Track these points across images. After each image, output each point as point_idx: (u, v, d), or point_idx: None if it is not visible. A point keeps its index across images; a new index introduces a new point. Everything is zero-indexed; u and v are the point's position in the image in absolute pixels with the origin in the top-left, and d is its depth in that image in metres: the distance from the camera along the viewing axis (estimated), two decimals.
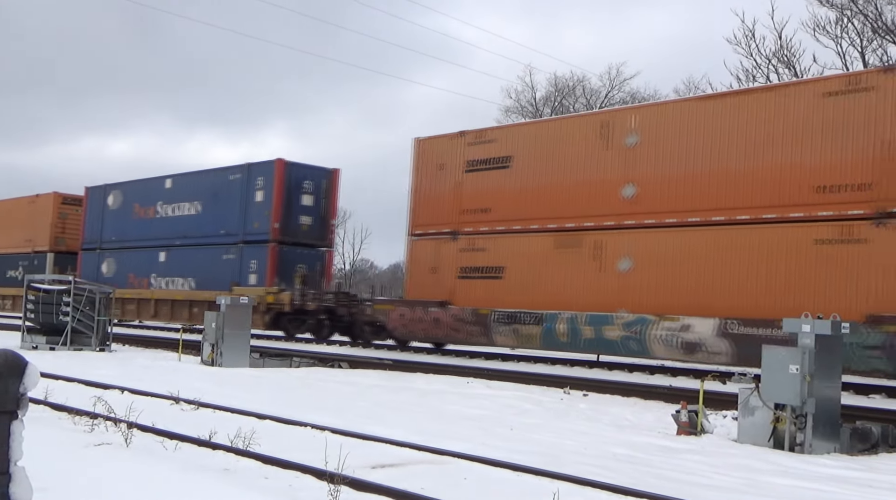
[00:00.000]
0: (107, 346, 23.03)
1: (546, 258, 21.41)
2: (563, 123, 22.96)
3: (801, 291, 16.98)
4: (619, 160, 20.26)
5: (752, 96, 19.00)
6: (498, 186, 22.74)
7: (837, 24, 31.21)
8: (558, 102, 46.28)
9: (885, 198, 16.16)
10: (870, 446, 10.43)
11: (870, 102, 16.63)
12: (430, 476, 7.26)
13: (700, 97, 20.98)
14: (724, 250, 18.29)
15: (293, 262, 28.92)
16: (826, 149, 17.08)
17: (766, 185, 17.86)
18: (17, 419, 3.39)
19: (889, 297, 15.86)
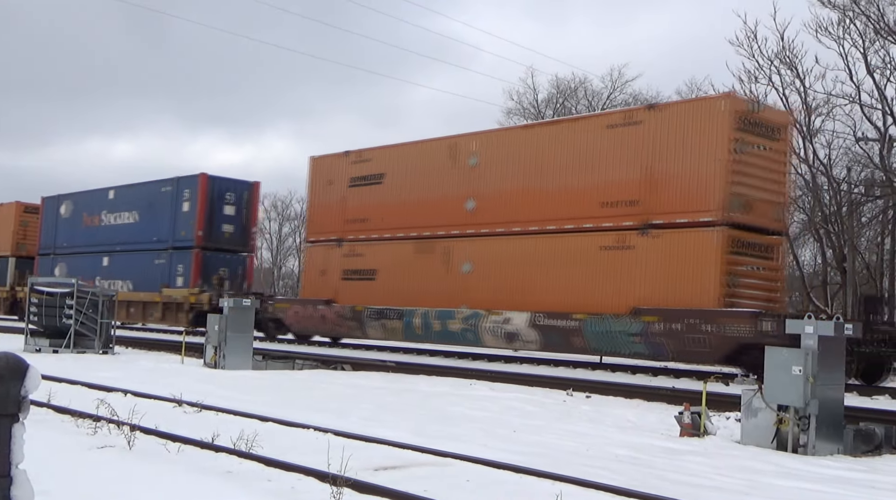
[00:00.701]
0: (110, 348, 23.04)
1: (408, 262, 24.93)
2: (422, 145, 25.92)
3: (590, 289, 20.46)
4: (463, 178, 23.87)
5: (558, 126, 23.18)
6: (373, 200, 26.38)
7: (840, 25, 31.15)
8: (560, 104, 46.27)
9: (648, 212, 19.80)
10: (873, 447, 10.41)
11: (638, 134, 20.21)
12: (432, 478, 7.25)
13: (522, 126, 24.56)
14: (536, 255, 21.82)
15: (216, 266, 31.94)
16: (608, 171, 20.71)
17: (567, 201, 21.38)
18: (19, 421, 3.39)
19: (648, 293, 19.43)
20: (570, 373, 19.65)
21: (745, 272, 19.25)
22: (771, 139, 19.91)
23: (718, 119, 19.09)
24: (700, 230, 19.01)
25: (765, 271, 19.85)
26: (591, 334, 20.30)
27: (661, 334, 18.94)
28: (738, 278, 19.00)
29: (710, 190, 18.96)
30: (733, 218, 18.88)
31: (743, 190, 19.16)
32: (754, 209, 19.36)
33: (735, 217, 18.93)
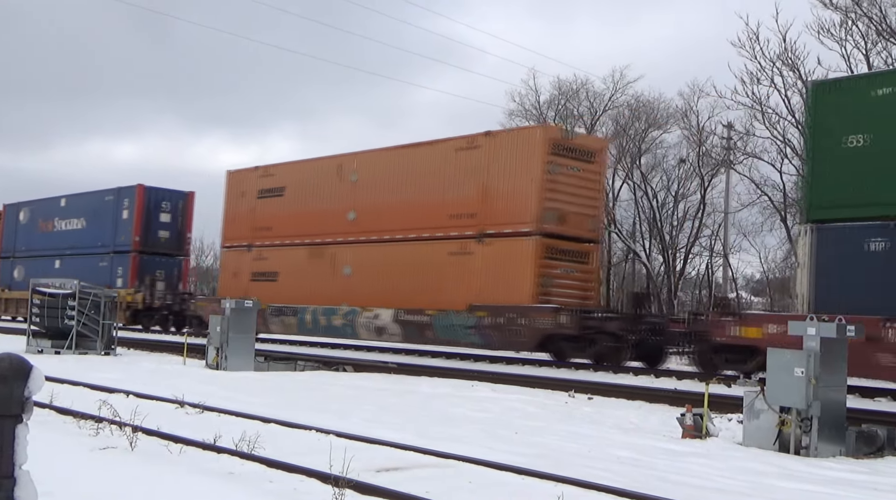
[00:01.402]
0: (112, 350, 23.06)
1: (302, 266, 28.31)
2: (315, 163, 29.44)
3: (439, 288, 23.72)
4: (346, 192, 27.35)
5: (418, 149, 26.06)
6: (276, 210, 29.86)
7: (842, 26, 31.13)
8: (562, 106, 46.22)
9: (483, 223, 23.34)
10: (875, 449, 10.40)
11: (478, 157, 23.63)
12: (434, 480, 7.25)
13: (392, 147, 27.15)
14: (400, 259, 25.15)
15: (153, 268, 35.62)
16: (455, 188, 24.08)
17: (424, 213, 24.69)
18: (22, 422, 3.39)
19: (481, 292, 22.87)
20: (572, 374, 19.64)
21: (559, 274, 22.64)
22: (585, 162, 23.39)
23: (535, 145, 22.58)
24: (519, 239, 22.45)
25: (578, 273, 23.27)
26: (439, 327, 23.80)
27: (490, 326, 22.51)
28: (552, 280, 22.47)
29: (527, 205, 22.39)
30: (547, 229, 22.34)
31: (556, 205, 22.50)
32: (568, 221, 22.83)
33: (548, 228, 22.37)
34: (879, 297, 15.91)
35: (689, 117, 41.24)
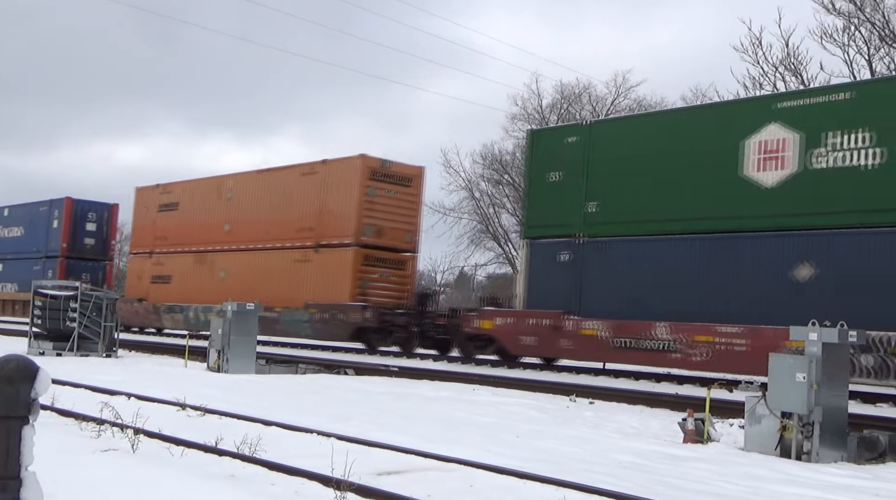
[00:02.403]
0: (113, 352, 23.08)
1: (189, 270, 33.26)
2: (201, 182, 34.55)
3: (286, 289, 28.44)
4: (223, 208, 32.39)
5: (275, 172, 31.28)
6: (171, 222, 35.02)
7: (844, 32, 31.20)
8: (564, 110, 46.29)
9: (319, 236, 28.32)
10: (877, 454, 10.40)
11: (316, 180, 28.80)
12: (435, 483, 7.26)
13: (257, 171, 32.37)
14: (262, 265, 30.03)
15: (79, 271, 39.16)
16: (300, 206, 29.15)
17: (279, 226, 29.73)
18: (29, 424, 3.41)
19: (316, 293, 27.59)
20: (573, 379, 19.65)
21: (376, 278, 27.32)
22: (402, 186, 28.24)
23: (355, 172, 27.49)
24: (342, 249, 27.42)
25: (394, 277, 27.95)
26: (285, 321, 28.43)
27: (319, 321, 27.05)
28: (369, 282, 27.18)
29: (349, 221, 27.41)
30: (365, 241, 27.23)
31: (374, 221, 27.36)
32: (385, 235, 27.66)
33: (366, 240, 27.26)
34: (563, 296, 21.14)
35: None
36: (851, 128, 17.12)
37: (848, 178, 17.09)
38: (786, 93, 20.45)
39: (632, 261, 20.22)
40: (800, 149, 17.84)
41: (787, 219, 17.78)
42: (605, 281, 20.60)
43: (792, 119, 18.03)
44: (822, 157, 17.52)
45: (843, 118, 17.30)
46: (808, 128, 17.73)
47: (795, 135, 17.91)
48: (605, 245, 20.86)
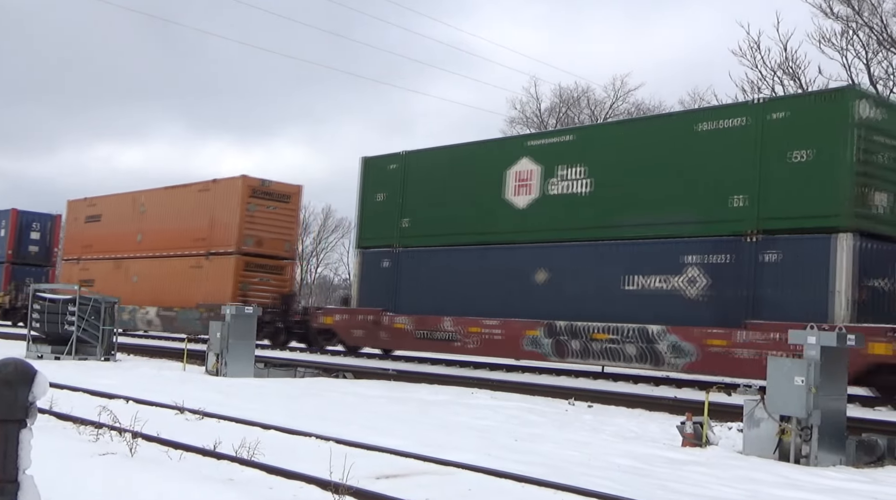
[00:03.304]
0: (112, 355, 23.05)
1: (109, 274, 37.02)
2: (120, 196, 38.51)
3: (184, 291, 32.05)
4: (137, 220, 36.49)
5: (175, 190, 35.37)
6: (95, 233, 39.09)
7: (843, 36, 31.26)
8: (563, 113, 46.33)
9: (210, 245, 32.39)
10: (876, 458, 10.39)
11: (209, 197, 33.08)
12: (434, 487, 7.25)
13: (163, 188, 36.42)
14: (166, 270, 34.13)
15: (24, 276, 43.59)
16: (196, 220, 33.17)
17: (180, 237, 33.71)
18: (26, 427, 3.40)
19: (207, 295, 31.26)
20: (572, 382, 19.65)
21: (257, 282, 31.61)
22: (282, 202, 32.76)
23: (237, 191, 32.01)
24: (227, 257, 31.74)
25: (273, 281, 32.16)
26: (181, 320, 32.29)
27: (207, 319, 28.33)
28: (249, 285, 31.36)
29: (232, 233, 31.69)
30: (245, 250, 31.56)
31: (254, 233, 31.72)
32: (264, 244, 32.05)
33: (247, 249, 31.54)
34: (385, 297, 25.56)
35: None
36: (572, 163, 21.72)
37: (570, 202, 21.65)
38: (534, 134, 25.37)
39: (431, 267, 24.75)
40: (541, 178, 22.38)
41: (533, 234, 22.24)
42: (413, 284, 25.14)
43: (537, 155, 22.58)
44: (555, 185, 22.07)
45: (567, 155, 21.89)
46: (547, 162, 22.25)
47: (539, 167, 22.44)
48: (414, 254, 25.37)
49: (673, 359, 19.06)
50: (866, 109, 17.77)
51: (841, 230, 17.14)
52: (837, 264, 17.08)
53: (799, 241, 17.71)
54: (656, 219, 19.81)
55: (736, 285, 18.35)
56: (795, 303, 17.48)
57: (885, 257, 17.91)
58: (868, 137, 17.67)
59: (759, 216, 18.23)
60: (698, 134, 19.52)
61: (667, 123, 21.41)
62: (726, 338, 18.10)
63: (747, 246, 18.28)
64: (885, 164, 18.02)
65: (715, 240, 18.80)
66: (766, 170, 18.26)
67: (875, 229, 17.71)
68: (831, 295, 17.06)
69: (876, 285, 17.60)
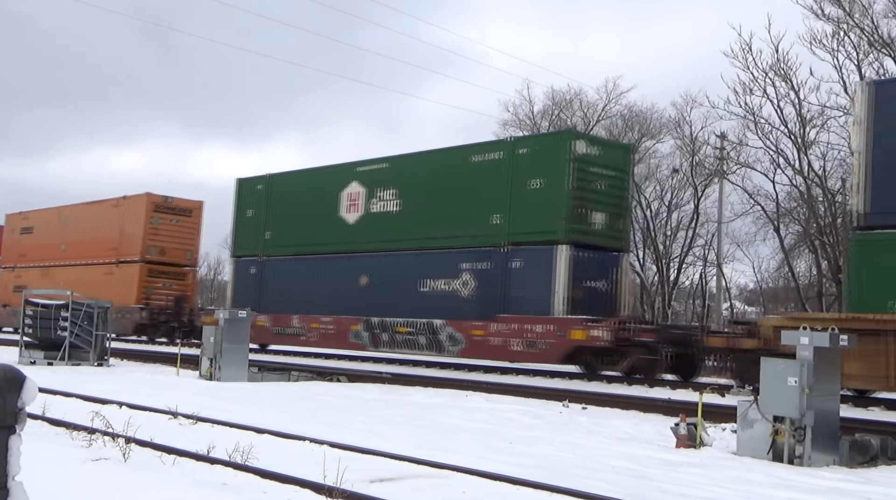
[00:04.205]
0: (105, 361, 22.98)
1: (38, 281, 40.38)
2: (48, 211, 43.33)
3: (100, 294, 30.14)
4: (62, 231, 40.99)
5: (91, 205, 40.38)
6: (28, 243, 43.86)
7: (834, 37, 31.34)
8: (555, 116, 46.37)
9: (120, 254, 37.38)
10: (869, 458, 10.41)
11: (119, 212, 37.95)
12: (429, 490, 7.24)
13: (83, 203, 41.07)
14: (88, 275, 37.99)
15: None
16: (109, 232, 38.03)
17: (98, 247, 38.31)
18: (16, 433, 3.38)
19: (118, 298, 31.91)
20: (566, 384, 19.67)
21: (160, 287, 36.58)
22: (184, 216, 37.62)
23: (141, 207, 36.78)
24: (132, 264, 36.75)
25: (175, 286, 37.03)
26: None
27: (116, 320, 30.79)
28: (153, 290, 36.19)
29: (137, 243, 36.76)
30: (149, 258, 36.43)
31: (158, 243, 36.64)
32: (167, 253, 36.95)
33: (151, 258, 36.58)
34: (253, 299, 29.36)
35: (682, 127, 41.49)
36: (387, 186, 26.54)
37: (385, 219, 26.46)
38: (362, 161, 28.33)
39: (285, 273, 29.51)
40: (365, 199, 27.25)
41: (359, 245, 27.03)
42: (272, 288, 29.78)
43: (363, 179, 27.49)
44: (375, 204, 26.92)
45: (384, 180, 26.72)
46: (370, 185, 27.15)
47: (364, 190, 27.34)
48: (274, 262, 30.28)
49: (450, 347, 23.65)
50: (582, 147, 22.67)
51: (560, 243, 21.76)
52: (557, 270, 21.68)
53: (534, 251, 22.33)
54: (443, 233, 24.48)
55: (494, 286, 22.97)
56: (531, 300, 21.98)
57: (601, 263, 22.62)
58: (583, 169, 22.33)
59: (509, 231, 22.97)
60: (472, 164, 24.23)
61: (452, 154, 25.49)
62: (484, 329, 22.80)
63: (501, 255, 22.99)
64: (601, 190, 22.88)
65: (481, 250, 23.47)
66: (514, 194, 22.95)
67: (590, 241, 22.37)
68: (553, 294, 21.66)
69: (591, 285, 22.29)
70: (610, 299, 22.78)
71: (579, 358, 21.86)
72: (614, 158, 23.69)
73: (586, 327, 20.83)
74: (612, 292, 22.92)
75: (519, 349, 22.21)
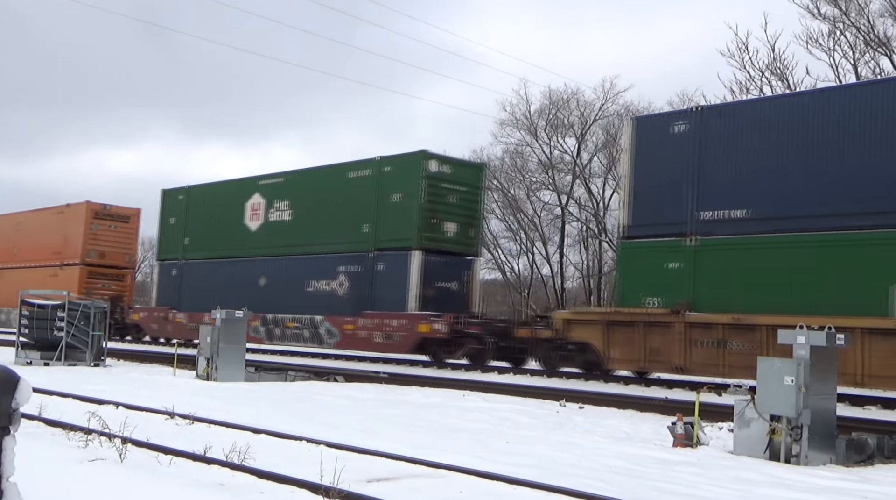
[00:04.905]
0: (101, 361, 22.94)
1: None
2: (4, 218, 45.36)
3: None
4: (15, 236, 43.33)
5: (42, 212, 42.73)
6: None
7: (830, 36, 31.40)
8: (553, 115, 46.38)
9: (63, 258, 39.90)
10: (865, 457, 10.43)
11: (62, 219, 40.52)
12: (425, 490, 7.23)
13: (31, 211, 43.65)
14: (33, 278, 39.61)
15: None
16: (54, 237, 40.59)
17: (44, 251, 41.06)
18: (10, 434, 3.37)
19: None
20: (563, 384, 19.66)
21: (99, 287, 38.43)
22: (122, 222, 40.52)
23: (81, 215, 39.42)
24: (73, 267, 39.20)
25: (114, 287, 39.56)
26: None
27: None
28: (92, 291, 36.99)
29: (77, 247, 39.26)
30: (90, 261, 39.22)
31: (98, 247, 39.35)
32: (107, 257, 39.72)
33: (91, 261, 39.21)
34: (173, 298, 33.69)
35: None
36: (283, 198, 30.02)
37: (281, 227, 29.81)
38: (263, 175, 31.82)
39: (200, 275, 32.93)
40: (265, 209, 30.54)
41: (260, 250, 30.39)
42: (190, 288, 33.05)
43: (263, 191, 30.80)
44: (273, 214, 30.22)
45: (280, 192, 30.18)
46: (269, 197, 30.51)
47: (265, 200, 30.69)
48: (192, 265, 33.65)
49: (328, 340, 26.87)
50: (434, 166, 25.79)
51: (413, 249, 25.12)
52: (411, 272, 25.06)
53: (393, 256, 25.66)
54: (325, 240, 27.91)
55: (363, 287, 26.43)
56: (390, 298, 25.32)
57: (453, 266, 26.18)
58: (435, 185, 25.62)
59: (376, 239, 26.46)
60: (348, 180, 27.66)
61: (333, 171, 28.69)
62: (353, 324, 25.91)
63: (369, 259, 26.49)
64: (452, 203, 26.12)
65: (354, 255, 26.91)
66: (380, 207, 26.40)
67: (442, 248, 25.81)
68: (407, 293, 25.01)
69: (443, 286, 25.73)
70: (462, 297, 26.26)
71: (426, 348, 25.33)
72: (466, 175, 26.87)
73: (430, 321, 24.16)
74: (464, 291, 26.42)
75: (380, 341, 25.33)
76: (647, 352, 19.52)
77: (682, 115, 20.35)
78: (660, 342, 19.23)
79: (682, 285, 19.15)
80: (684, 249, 19.25)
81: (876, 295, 16.22)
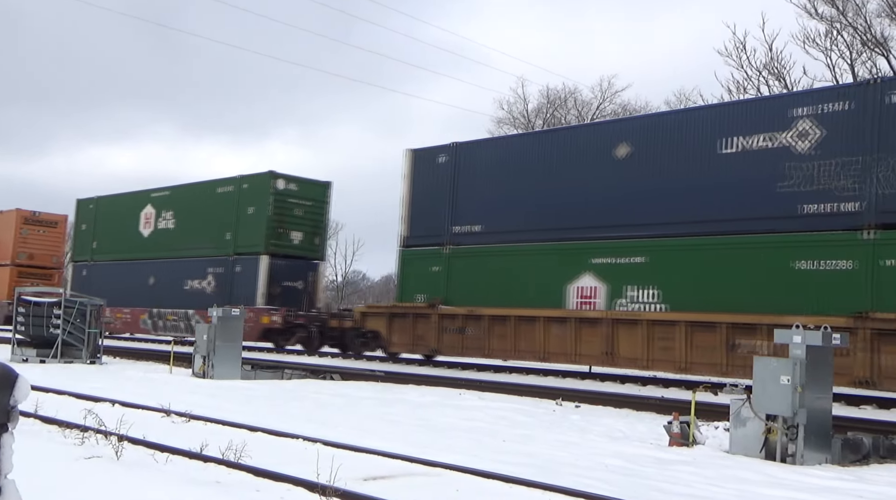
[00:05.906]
0: (98, 358, 22.91)
1: None
2: None
3: None
4: None
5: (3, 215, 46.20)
6: None
7: (827, 36, 31.45)
8: (550, 114, 46.40)
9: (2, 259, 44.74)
10: (861, 457, 10.45)
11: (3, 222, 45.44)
12: (422, 488, 7.24)
13: None
14: None
15: None
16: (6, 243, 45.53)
17: None
18: (8, 431, 3.36)
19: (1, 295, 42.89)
20: (559, 382, 19.69)
21: (29, 286, 35.99)
22: (50, 227, 45.01)
23: (12, 220, 44.05)
24: (4, 268, 43.67)
25: (43, 285, 38.80)
26: None
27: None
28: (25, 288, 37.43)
29: (7, 250, 43.75)
30: (20, 262, 43.38)
31: (26, 250, 44.11)
32: (36, 258, 44.41)
33: (21, 262, 43.42)
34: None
35: None
36: (168, 209, 34.88)
37: (167, 234, 34.65)
38: (155, 188, 36.35)
39: (105, 275, 37.30)
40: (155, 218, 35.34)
41: (150, 253, 35.08)
42: (96, 287, 34.25)
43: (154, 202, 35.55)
44: (161, 222, 34.95)
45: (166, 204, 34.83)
46: (159, 207, 35.28)
47: (155, 210, 35.56)
48: (98, 266, 38.26)
49: None
50: (282, 184, 30.70)
51: (262, 254, 30.10)
52: (260, 273, 29.98)
53: (248, 259, 30.63)
54: (198, 245, 32.57)
55: (226, 285, 30.92)
56: (245, 295, 29.60)
57: (298, 269, 30.93)
58: (283, 201, 30.61)
59: (235, 245, 31.32)
60: (217, 194, 32.44)
61: (207, 186, 33.43)
62: None
63: (230, 262, 31.25)
64: (298, 215, 30.97)
65: (219, 259, 31.73)
66: (239, 218, 31.29)
67: (289, 253, 30.63)
68: (257, 290, 29.82)
69: (289, 285, 30.49)
70: (307, 295, 30.93)
71: (270, 337, 29.54)
72: (313, 191, 31.55)
73: (269, 314, 29.12)
74: (309, 290, 31.11)
75: None
76: (415, 337, 24.35)
77: (444, 149, 25.08)
78: (423, 330, 24.13)
79: (441, 285, 24.18)
80: (442, 255, 24.36)
81: (556, 292, 21.36)
